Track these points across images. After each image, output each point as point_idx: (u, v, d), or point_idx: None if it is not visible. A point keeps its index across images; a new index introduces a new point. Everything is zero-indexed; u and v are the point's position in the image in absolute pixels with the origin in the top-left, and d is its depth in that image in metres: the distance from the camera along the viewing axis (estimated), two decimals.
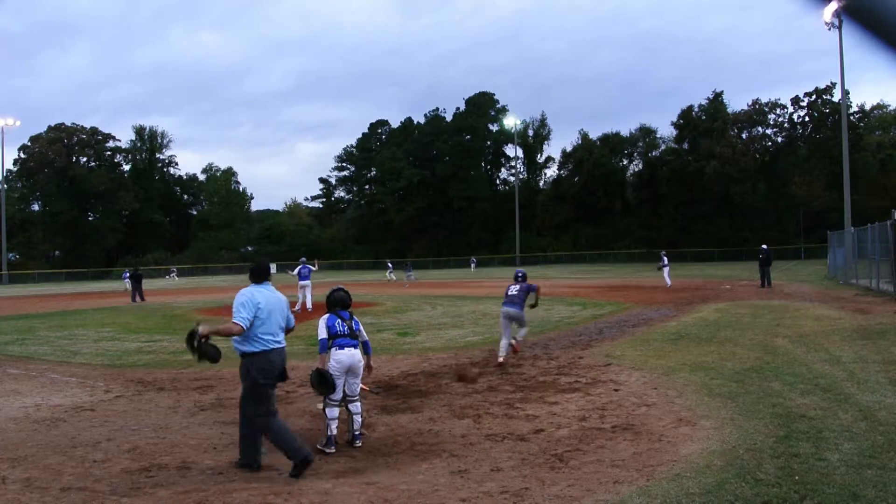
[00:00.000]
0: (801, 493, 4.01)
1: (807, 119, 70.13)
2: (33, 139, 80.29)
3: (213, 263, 76.76)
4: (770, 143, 72.89)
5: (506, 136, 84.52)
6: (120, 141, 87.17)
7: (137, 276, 27.36)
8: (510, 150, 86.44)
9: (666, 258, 26.91)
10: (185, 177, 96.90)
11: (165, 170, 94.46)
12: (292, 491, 4.50)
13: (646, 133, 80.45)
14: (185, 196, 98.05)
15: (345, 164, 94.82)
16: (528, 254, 73.08)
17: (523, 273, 10.56)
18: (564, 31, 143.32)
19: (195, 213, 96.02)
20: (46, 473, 4.97)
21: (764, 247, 25.91)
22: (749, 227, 66.26)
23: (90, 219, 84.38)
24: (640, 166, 79.43)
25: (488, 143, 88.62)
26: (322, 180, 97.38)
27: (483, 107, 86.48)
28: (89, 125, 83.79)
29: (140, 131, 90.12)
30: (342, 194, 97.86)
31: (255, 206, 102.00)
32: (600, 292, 24.37)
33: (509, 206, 77.13)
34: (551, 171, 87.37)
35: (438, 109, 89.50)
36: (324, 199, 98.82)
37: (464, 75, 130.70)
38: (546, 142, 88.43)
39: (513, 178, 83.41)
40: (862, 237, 22.37)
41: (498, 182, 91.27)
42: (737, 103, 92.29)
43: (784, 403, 6.37)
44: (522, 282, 10.23)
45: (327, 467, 5.11)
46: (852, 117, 62.43)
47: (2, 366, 10.40)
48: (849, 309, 15.18)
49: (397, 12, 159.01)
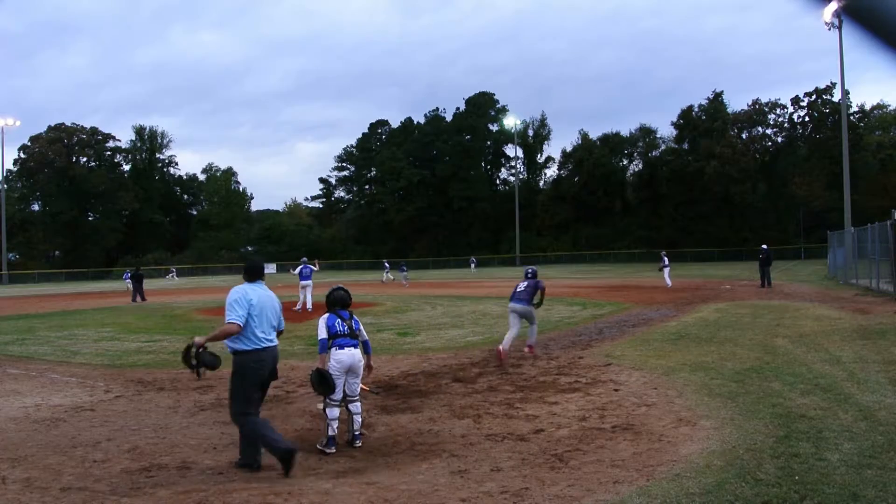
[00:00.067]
0: (801, 493, 4.01)
1: (807, 119, 70.17)
2: (33, 139, 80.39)
3: (213, 263, 76.76)
4: (770, 143, 72.95)
5: (506, 136, 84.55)
6: (120, 141, 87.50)
7: (138, 277, 27.40)
8: (510, 150, 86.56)
9: (666, 258, 26.93)
10: (185, 177, 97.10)
11: (165, 170, 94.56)
12: (292, 491, 4.49)
13: (646, 133, 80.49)
14: (185, 196, 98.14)
15: (345, 164, 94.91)
16: (528, 254, 73.04)
17: (534, 270, 10.59)
18: (564, 31, 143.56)
19: (195, 213, 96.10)
20: (46, 473, 4.97)
21: (764, 247, 25.91)
22: (749, 227, 66.29)
23: (90, 219, 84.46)
24: (640, 166, 79.51)
25: (488, 143, 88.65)
26: (322, 180, 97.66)
27: (483, 107, 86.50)
28: (89, 125, 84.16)
29: (140, 131, 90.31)
30: (342, 194, 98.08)
31: (255, 206, 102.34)
32: (600, 292, 24.37)
33: (509, 206, 77.15)
34: (551, 171, 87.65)
35: (438, 109, 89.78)
36: (324, 199, 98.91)
37: (464, 75, 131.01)
38: (546, 142, 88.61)
39: (513, 178, 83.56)
40: (862, 237, 22.37)
41: (498, 182, 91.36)
42: (737, 103, 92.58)
43: (784, 403, 6.37)
44: (532, 279, 10.27)
45: (327, 467, 5.10)
46: (852, 117, 62.46)
47: (2, 366, 10.40)
48: (849, 309, 15.18)
49: (397, 12, 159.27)
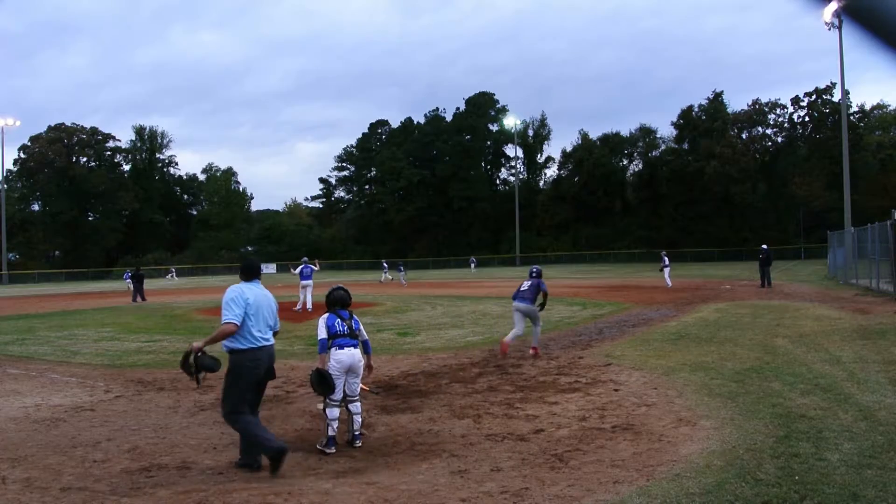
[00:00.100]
0: (801, 493, 4.00)
1: (807, 119, 70.17)
2: (33, 139, 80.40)
3: (213, 263, 76.76)
4: (770, 143, 72.94)
5: (506, 136, 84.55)
6: (120, 141, 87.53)
7: (139, 277, 27.39)
8: (510, 150, 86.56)
9: (667, 258, 26.95)
10: (185, 177, 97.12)
11: (165, 170, 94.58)
12: (292, 491, 4.49)
13: (646, 133, 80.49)
14: (185, 196, 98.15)
15: (345, 164, 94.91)
16: (528, 254, 73.03)
17: (538, 270, 10.60)
18: (564, 31, 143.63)
19: (195, 213, 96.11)
20: (46, 473, 4.97)
21: (764, 247, 25.92)
22: (749, 227, 66.30)
23: (90, 219, 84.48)
24: (640, 166, 79.51)
25: (488, 143, 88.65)
26: (322, 180, 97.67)
27: (483, 107, 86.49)
28: (89, 125, 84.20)
29: (140, 131, 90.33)
30: (342, 194, 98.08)
31: (255, 206, 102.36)
32: (600, 292, 24.37)
33: (509, 206, 77.14)
34: (551, 171, 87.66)
35: (438, 109, 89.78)
36: (324, 199, 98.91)
37: (464, 75, 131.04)
38: (546, 142, 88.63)
39: (513, 178, 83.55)
40: (862, 237, 22.37)
41: (498, 182, 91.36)
42: (737, 103, 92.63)
43: (784, 403, 6.37)
44: (536, 278, 10.28)
45: (327, 467, 5.10)
46: (852, 117, 62.46)
47: (2, 366, 10.40)
48: (849, 309, 15.18)
49: (397, 12, 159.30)
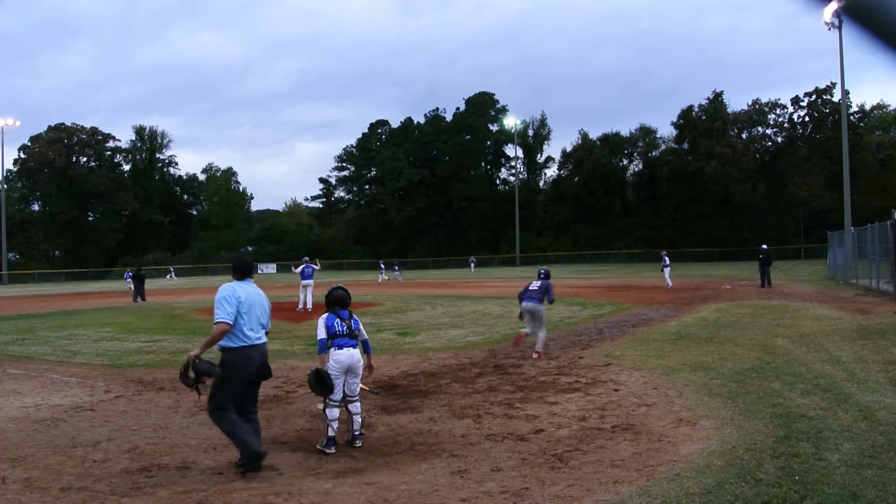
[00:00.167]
0: (801, 493, 4.01)
1: (807, 119, 70.17)
2: (33, 139, 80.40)
3: (213, 263, 76.76)
4: (770, 143, 72.95)
5: (506, 136, 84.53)
6: (120, 141, 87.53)
7: (140, 277, 27.31)
8: (510, 150, 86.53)
9: (667, 258, 26.97)
10: (185, 177, 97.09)
11: (165, 170, 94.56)
12: (292, 491, 4.50)
13: (646, 133, 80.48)
14: (185, 196, 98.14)
15: (345, 164, 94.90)
16: (528, 254, 73.05)
17: (546, 271, 10.72)
18: (564, 31, 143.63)
19: (195, 213, 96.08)
20: (46, 473, 4.97)
21: (764, 247, 25.91)
22: (749, 227, 66.29)
23: (90, 219, 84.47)
24: (640, 166, 79.51)
25: (488, 143, 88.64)
26: (322, 180, 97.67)
27: (483, 107, 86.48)
28: (89, 125, 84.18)
29: (140, 131, 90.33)
30: (342, 194, 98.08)
31: (255, 206, 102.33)
32: (600, 292, 24.36)
33: (509, 206, 77.13)
34: (551, 171, 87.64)
35: (438, 109, 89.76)
36: (324, 199, 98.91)
37: (464, 75, 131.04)
38: (546, 142, 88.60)
39: (513, 178, 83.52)
40: (862, 237, 22.37)
41: (498, 182, 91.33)
42: (737, 103, 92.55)
43: (784, 403, 6.37)
44: (545, 279, 10.38)
45: (327, 467, 5.10)
46: (852, 117, 62.46)
47: (2, 366, 10.40)
48: (849, 309, 15.18)
49: (397, 12, 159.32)
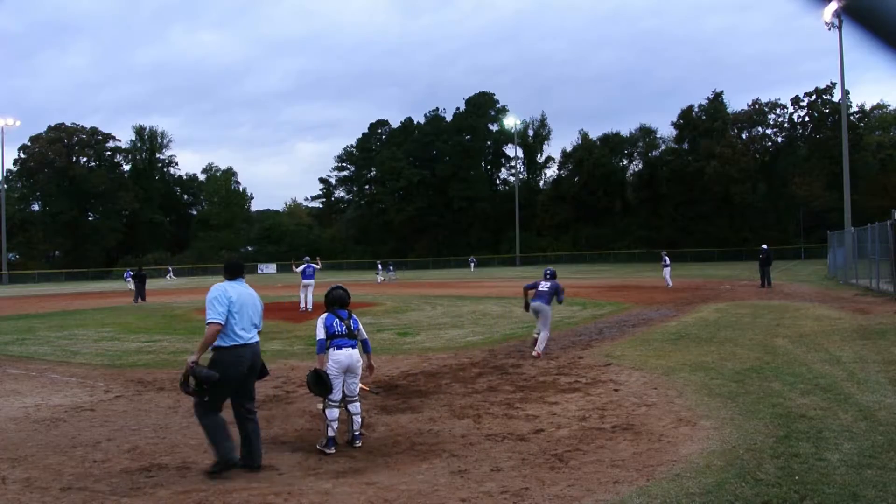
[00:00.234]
0: (801, 493, 4.01)
1: (807, 119, 70.18)
2: (33, 139, 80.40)
3: (213, 263, 76.70)
4: (770, 143, 72.96)
5: (506, 136, 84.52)
6: (120, 141, 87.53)
7: (141, 277, 27.28)
8: (510, 150, 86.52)
9: (668, 258, 26.98)
10: (185, 177, 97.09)
11: (165, 170, 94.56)
12: (292, 491, 4.50)
13: (646, 133, 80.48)
14: (185, 196, 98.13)
15: (345, 164, 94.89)
16: (528, 254, 73.06)
17: (552, 271, 10.74)
18: (564, 31, 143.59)
19: (195, 213, 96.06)
20: (46, 473, 4.97)
21: (764, 247, 25.92)
22: (749, 227, 66.30)
23: (90, 219, 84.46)
24: (640, 166, 79.52)
25: (488, 143, 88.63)
26: (322, 180, 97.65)
27: (483, 107, 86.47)
28: (89, 125, 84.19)
29: (140, 131, 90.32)
30: (342, 194, 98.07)
31: (255, 206, 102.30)
32: (600, 292, 24.36)
33: (509, 206, 77.12)
34: (551, 171, 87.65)
35: (438, 109, 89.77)
36: (324, 199, 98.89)
37: (464, 75, 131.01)
38: (546, 142, 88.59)
39: (513, 178, 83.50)
40: (862, 237, 22.37)
41: (498, 182, 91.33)
42: (737, 103, 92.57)
43: (784, 403, 6.37)
44: (552, 279, 10.39)
45: (327, 467, 5.10)
46: (852, 117, 62.46)
47: (2, 366, 10.40)
48: (849, 309, 15.18)
49: (397, 12, 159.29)
